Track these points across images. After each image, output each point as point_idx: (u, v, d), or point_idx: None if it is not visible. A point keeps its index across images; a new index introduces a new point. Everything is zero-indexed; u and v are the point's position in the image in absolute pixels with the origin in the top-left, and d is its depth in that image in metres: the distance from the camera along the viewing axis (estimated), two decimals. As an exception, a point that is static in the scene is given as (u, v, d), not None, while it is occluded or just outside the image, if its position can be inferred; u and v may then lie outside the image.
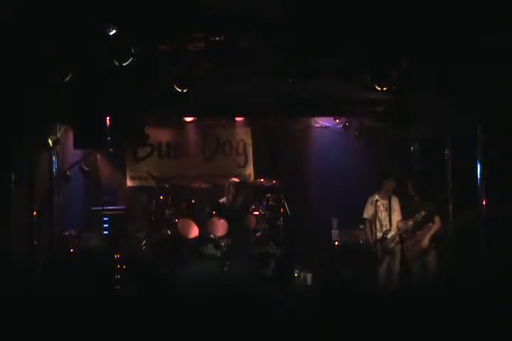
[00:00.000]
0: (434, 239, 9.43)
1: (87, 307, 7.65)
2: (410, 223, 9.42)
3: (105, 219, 10.76)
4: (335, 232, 10.94)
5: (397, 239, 9.45)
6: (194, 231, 10.51)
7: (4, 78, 8.42)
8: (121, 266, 10.00)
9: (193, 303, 7.45)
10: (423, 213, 9.30)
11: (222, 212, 10.61)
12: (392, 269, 9.56)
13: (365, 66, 8.41)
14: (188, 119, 11.69)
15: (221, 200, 10.85)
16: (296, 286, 9.65)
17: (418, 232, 9.48)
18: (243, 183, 10.94)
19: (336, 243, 10.88)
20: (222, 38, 8.07)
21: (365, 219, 9.79)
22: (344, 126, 11.68)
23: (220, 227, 10.52)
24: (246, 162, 11.93)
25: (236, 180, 11.00)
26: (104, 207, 10.78)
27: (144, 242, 10.17)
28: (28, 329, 6.92)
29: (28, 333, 6.84)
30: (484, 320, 6.78)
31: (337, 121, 11.69)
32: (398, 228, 9.54)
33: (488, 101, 8.80)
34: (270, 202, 10.72)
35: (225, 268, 9.97)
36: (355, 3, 7.64)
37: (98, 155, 11.53)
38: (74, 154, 11.06)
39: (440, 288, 8.53)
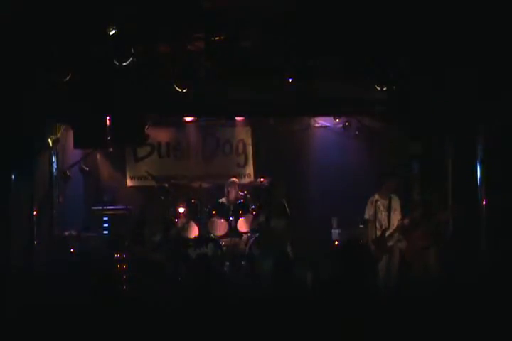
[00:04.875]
0: (433, 237, 9.42)
1: (87, 308, 7.66)
2: (407, 220, 9.42)
3: (105, 219, 10.76)
4: (335, 231, 10.93)
5: (396, 237, 9.46)
6: (194, 231, 10.51)
7: (4, 78, 8.42)
8: (122, 266, 10.02)
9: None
10: (420, 210, 9.30)
11: (222, 211, 10.62)
12: (391, 268, 9.56)
13: (365, 66, 8.41)
14: (188, 119, 11.68)
15: (221, 200, 10.85)
16: (295, 286, 9.65)
17: (417, 231, 9.47)
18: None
19: (336, 242, 10.87)
20: (222, 37, 8.07)
21: (366, 219, 9.79)
22: (344, 126, 11.67)
23: (220, 227, 10.52)
24: (246, 162, 11.93)
25: (236, 180, 11.01)
26: (104, 207, 10.77)
27: (158, 245, 10.08)
28: (28, 328, 6.93)
29: (28, 333, 6.85)
30: (484, 320, 6.80)
31: (337, 121, 11.68)
32: (398, 227, 9.54)
33: (488, 101, 8.81)
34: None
35: (225, 268, 9.98)
36: (356, 3, 7.64)
37: (98, 155, 11.52)
38: (74, 154, 11.06)
39: (440, 287, 8.54)
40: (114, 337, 6.78)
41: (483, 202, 9.29)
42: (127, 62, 7.96)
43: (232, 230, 10.58)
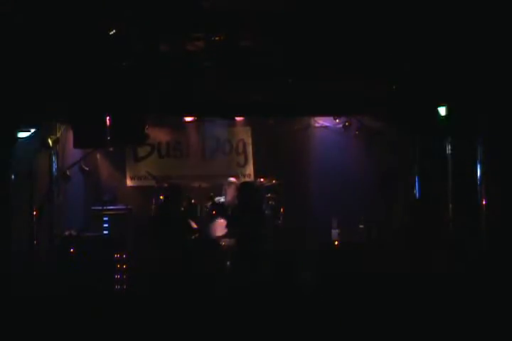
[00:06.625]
0: None
1: (87, 307, 7.67)
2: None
3: (105, 219, 10.76)
4: (335, 231, 10.94)
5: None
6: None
7: (4, 77, 8.42)
8: (122, 266, 10.03)
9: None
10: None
11: (222, 211, 10.61)
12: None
13: (366, 66, 8.41)
14: (188, 119, 11.67)
15: (220, 200, 10.84)
16: (296, 285, 9.66)
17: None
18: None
19: (336, 242, 10.88)
20: (222, 37, 8.07)
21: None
22: (344, 126, 11.67)
23: (220, 227, 10.51)
24: (246, 162, 11.93)
25: (234, 180, 11.00)
26: (104, 207, 10.77)
27: None
28: (29, 328, 6.94)
29: (28, 332, 6.86)
30: (484, 318, 6.83)
31: (337, 120, 11.68)
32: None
33: (489, 100, 8.81)
34: (270, 202, 10.71)
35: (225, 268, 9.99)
36: (356, 4, 7.64)
37: (98, 155, 11.51)
38: (74, 154, 11.05)
39: (442, 287, 8.55)
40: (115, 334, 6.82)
41: (483, 202, 9.30)
42: (127, 62, 7.96)
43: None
